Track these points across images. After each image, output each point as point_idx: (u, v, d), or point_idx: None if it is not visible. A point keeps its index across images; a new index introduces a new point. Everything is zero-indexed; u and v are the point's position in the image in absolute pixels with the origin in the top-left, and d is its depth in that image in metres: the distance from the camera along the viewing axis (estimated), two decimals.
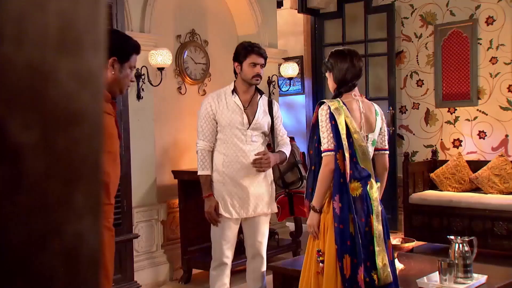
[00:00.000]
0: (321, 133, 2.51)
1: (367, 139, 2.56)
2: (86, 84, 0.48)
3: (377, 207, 2.53)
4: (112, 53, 2.11)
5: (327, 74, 2.69)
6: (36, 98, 0.45)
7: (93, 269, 0.49)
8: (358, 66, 2.59)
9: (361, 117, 2.56)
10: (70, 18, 0.46)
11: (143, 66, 4.31)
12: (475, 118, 5.63)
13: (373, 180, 2.56)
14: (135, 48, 2.19)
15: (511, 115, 5.43)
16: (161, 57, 4.28)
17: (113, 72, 2.12)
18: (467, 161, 5.37)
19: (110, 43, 2.29)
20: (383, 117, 2.68)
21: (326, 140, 2.48)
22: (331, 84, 2.68)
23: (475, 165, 5.27)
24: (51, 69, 0.45)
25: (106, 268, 2.14)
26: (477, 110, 5.61)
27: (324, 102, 2.56)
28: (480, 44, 5.59)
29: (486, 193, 5.03)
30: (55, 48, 0.46)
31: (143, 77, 4.32)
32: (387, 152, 2.68)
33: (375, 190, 2.55)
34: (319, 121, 2.52)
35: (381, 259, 2.47)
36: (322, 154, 2.50)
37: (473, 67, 5.60)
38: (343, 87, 2.59)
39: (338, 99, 2.56)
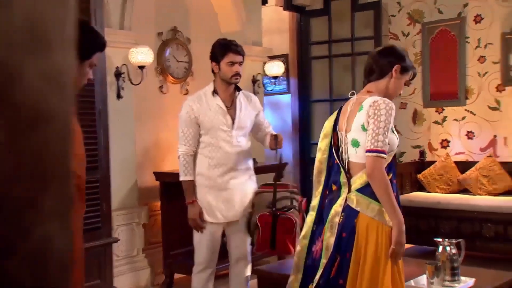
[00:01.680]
0: None
1: (347, 139, 2.34)
2: (54, 84, 0.48)
3: (333, 216, 2.31)
4: None
5: None
6: (2, 98, 0.45)
7: (63, 272, 0.48)
8: (365, 64, 2.49)
9: (345, 116, 2.38)
10: (37, 16, 0.46)
11: (123, 65, 4.20)
12: (463, 118, 5.56)
13: (343, 189, 2.32)
14: (100, 46, 2.06)
15: (499, 115, 5.37)
16: (142, 55, 4.17)
17: None
18: (455, 162, 5.31)
19: None
20: (372, 112, 2.23)
21: None
22: None
23: (463, 166, 5.21)
24: (18, 68, 0.45)
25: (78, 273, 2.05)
26: (465, 110, 5.55)
27: None
28: (468, 42, 5.53)
29: (475, 195, 4.97)
30: (21, 47, 0.46)
31: (123, 75, 4.20)
32: (369, 154, 2.20)
33: (341, 200, 2.31)
34: None
35: (320, 274, 2.31)
36: None
37: (461, 66, 5.53)
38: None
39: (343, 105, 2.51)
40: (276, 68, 5.53)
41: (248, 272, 3.31)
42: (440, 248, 2.94)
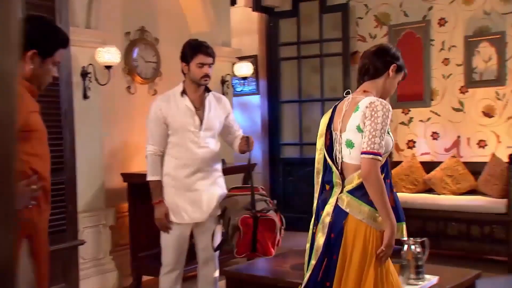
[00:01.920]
0: None
1: (341, 139, 2.29)
2: None
3: (324, 216, 2.28)
4: (33, 45, 1.94)
5: None
6: None
7: (4, 279, 0.46)
8: (360, 63, 2.42)
9: (341, 116, 2.32)
10: None
11: (89, 64, 4.14)
12: (429, 119, 5.68)
13: (336, 189, 2.28)
14: (62, 43, 2.03)
15: (462, 116, 5.51)
16: (109, 55, 4.12)
17: (31, 67, 1.96)
18: (421, 162, 5.41)
19: (33, 34, 2.12)
20: (369, 114, 2.17)
21: None
22: None
23: (429, 166, 5.31)
24: None
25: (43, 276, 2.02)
26: (430, 111, 5.66)
27: None
28: (433, 45, 5.65)
29: (439, 194, 5.07)
30: None
31: (89, 75, 4.14)
32: (365, 156, 2.14)
33: (332, 200, 2.28)
34: None
35: (309, 275, 2.29)
36: None
37: (426, 68, 5.65)
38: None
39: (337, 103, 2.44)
40: (245, 69, 5.54)
41: (217, 273, 3.30)
42: (405, 247, 2.98)
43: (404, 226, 2.30)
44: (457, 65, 5.52)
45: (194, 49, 3.08)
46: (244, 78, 5.72)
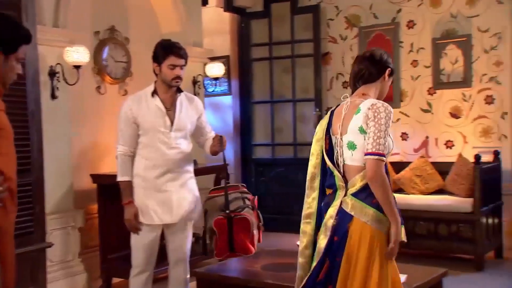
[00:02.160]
0: None
1: (342, 142, 2.31)
2: None
3: (327, 219, 2.30)
4: None
5: None
6: None
7: None
8: (355, 68, 2.45)
9: (340, 119, 2.34)
10: None
11: (57, 64, 4.07)
12: (398, 120, 5.76)
13: (339, 192, 2.30)
14: (25, 38, 2.00)
15: (430, 117, 5.61)
16: (78, 54, 4.07)
17: None
18: (391, 163, 5.48)
19: None
20: (372, 115, 2.21)
21: None
22: None
23: (398, 166, 5.39)
24: None
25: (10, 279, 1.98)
26: (400, 112, 5.75)
27: None
28: (402, 47, 5.74)
29: (408, 194, 5.15)
30: None
31: (57, 75, 4.08)
32: (371, 157, 2.17)
33: (336, 203, 2.29)
34: None
35: (308, 276, 2.31)
36: None
37: (396, 69, 5.71)
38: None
39: (334, 107, 2.48)
40: (216, 69, 5.52)
41: (187, 274, 3.29)
42: None
43: (403, 228, 2.33)
44: (425, 66, 5.62)
45: (166, 50, 3.06)
46: (216, 79, 5.71)
